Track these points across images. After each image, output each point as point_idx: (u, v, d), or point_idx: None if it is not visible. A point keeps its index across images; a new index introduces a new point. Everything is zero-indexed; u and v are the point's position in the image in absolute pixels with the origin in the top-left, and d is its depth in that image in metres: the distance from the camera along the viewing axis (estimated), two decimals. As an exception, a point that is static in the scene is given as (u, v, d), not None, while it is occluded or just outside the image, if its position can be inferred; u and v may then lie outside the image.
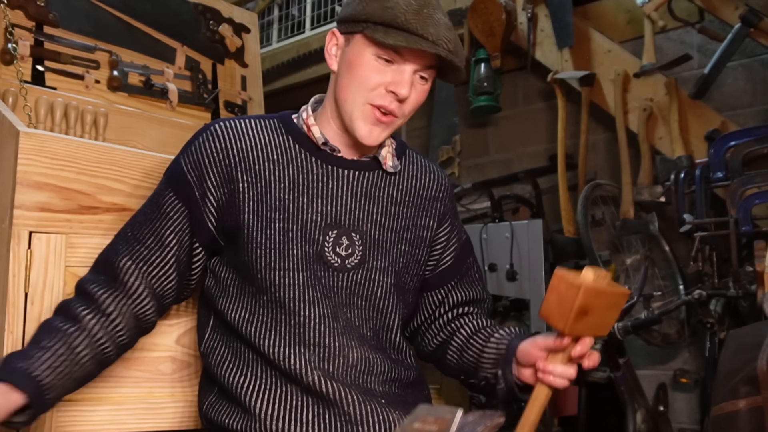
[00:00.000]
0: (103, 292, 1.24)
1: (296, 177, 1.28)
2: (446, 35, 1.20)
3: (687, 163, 2.80)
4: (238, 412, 1.25)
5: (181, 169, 1.30)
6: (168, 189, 1.30)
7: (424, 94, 1.29)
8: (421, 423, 0.76)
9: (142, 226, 1.29)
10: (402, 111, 1.26)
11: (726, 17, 2.88)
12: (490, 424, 0.76)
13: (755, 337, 1.44)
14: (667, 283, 3.04)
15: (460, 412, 0.76)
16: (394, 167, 1.35)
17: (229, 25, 2.57)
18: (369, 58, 1.24)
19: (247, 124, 1.32)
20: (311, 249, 1.26)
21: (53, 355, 1.16)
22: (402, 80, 1.23)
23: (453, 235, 1.44)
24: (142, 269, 1.26)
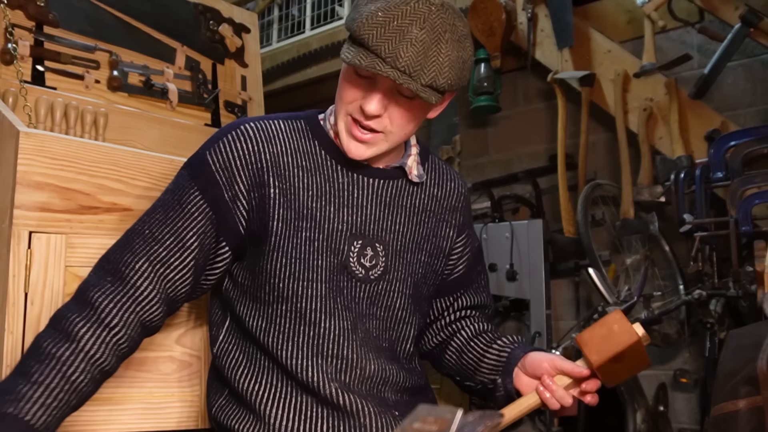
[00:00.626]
0: (108, 301, 1.16)
1: (323, 185, 1.24)
2: (402, 53, 1.08)
3: (687, 163, 2.80)
4: (250, 418, 1.23)
5: (209, 168, 1.23)
6: (193, 187, 1.22)
7: (412, 110, 1.19)
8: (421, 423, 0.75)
9: (161, 225, 1.21)
10: (382, 126, 1.19)
11: (726, 17, 2.88)
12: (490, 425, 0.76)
13: (755, 337, 1.44)
14: (667, 283, 3.04)
15: (460, 413, 0.76)
16: (419, 177, 1.32)
17: (229, 25, 2.57)
18: (348, 71, 1.20)
19: (276, 126, 1.27)
20: (336, 259, 1.23)
21: (46, 390, 1.07)
22: (369, 97, 1.16)
23: (468, 243, 1.42)
24: (158, 272, 1.19)
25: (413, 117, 1.21)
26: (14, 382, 1.08)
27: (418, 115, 1.22)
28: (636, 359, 1.21)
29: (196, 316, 1.51)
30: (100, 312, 1.15)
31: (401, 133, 1.22)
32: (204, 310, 1.52)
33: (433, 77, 1.12)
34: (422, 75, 1.11)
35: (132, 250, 1.20)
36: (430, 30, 1.11)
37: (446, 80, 1.14)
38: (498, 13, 3.40)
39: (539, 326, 3.02)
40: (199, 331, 1.51)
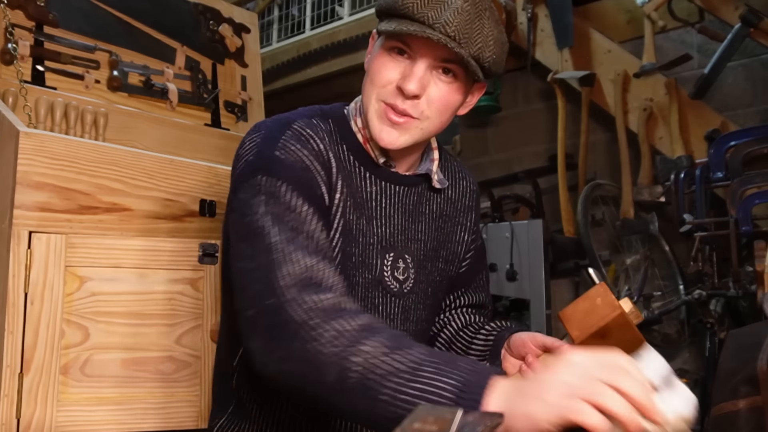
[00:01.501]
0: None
1: (356, 195, 1.14)
2: (449, 19, 1.03)
3: (687, 163, 2.80)
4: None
5: (290, 165, 1.07)
6: (286, 185, 1.05)
7: (451, 93, 1.11)
8: (421, 423, 0.75)
9: (298, 235, 1.01)
10: (419, 111, 1.09)
11: (726, 17, 2.89)
12: (490, 424, 0.76)
13: (755, 337, 1.44)
14: (667, 283, 3.04)
15: (460, 412, 0.75)
16: (441, 183, 1.25)
17: (229, 25, 2.57)
18: (381, 53, 1.11)
19: (319, 131, 1.14)
20: (370, 275, 1.15)
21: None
22: (410, 74, 1.07)
23: (473, 244, 1.35)
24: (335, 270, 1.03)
25: (451, 102, 1.12)
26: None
27: (455, 101, 1.13)
28: (624, 336, 1.11)
29: (196, 317, 1.51)
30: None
31: (437, 120, 1.12)
32: (203, 309, 1.51)
33: (480, 48, 1.07)
34: (470, 44, 1.06)
35: (301, 262, 0.98)
36: (473, 3, 1.07)
37: (491, 55, 1.09)
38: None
39: (539, 326, 3.02)
40: (198, 332, 1.51)
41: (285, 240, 0.99)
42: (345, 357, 0.86)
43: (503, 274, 3.11)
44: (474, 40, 1.06)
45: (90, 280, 1.37)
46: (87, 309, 1.36)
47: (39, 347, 1.29)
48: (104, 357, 1.38)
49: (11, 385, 1.26)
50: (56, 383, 1.31)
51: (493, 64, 1.10)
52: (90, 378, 1.35)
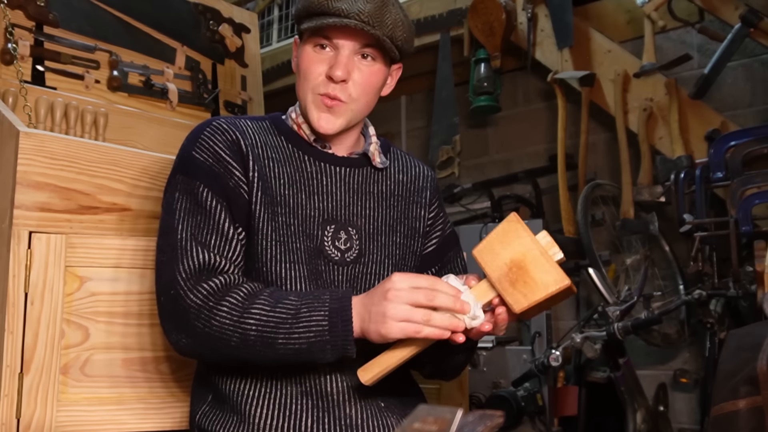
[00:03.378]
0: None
1: (293, 174, 1.30)
2: (361, 8, 1.21)
3: (687, 163, 2.80)
4: (232, 420, 1.22)
5: (202, 163, 1.24)
6: (200, 185, 1.23)
7: (373, 75, 1.29)
8: (421, 423, 0.75)
9: (198, 229, 1.20)
10: (347, 94, 1.26)
11: (726, 17, 2.89)
12: (490, 425, 0.76)
13: (755, 337, 1.44)
14: (667, 283, 3.04)
15: (459, 413, 0.76)
16: (383, 163, 1.38)
17: (229, 25, 2.57)
18: (307, 51, 1.28)
19: (245, 123, 1.33)
20: (312, 243, 1.27)
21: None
22: (336, 63, 1.24)
23: (437, 223, 1.45)
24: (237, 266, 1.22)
25: (373, 83, 1.29)
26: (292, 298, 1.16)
27: (377, 81, 1.30)
28: (544, 272, 1.07)
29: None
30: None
31: (363, 100, 1.29)
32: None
33: (391, 29, 1.25)
34: (383, 26, 1.24)
35: (200, 255, 1.19)
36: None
37: (402, 35, 1.27)
38: (498, 13, 3.40)
39: (539, 326, 3.02)
40: (199, 331, 1.51)
41: (190, 236, 1.19)
42: (241, 322, 1.13)
43: (503, 274, 3.10)
44: (385, 23, 1.24)
45: (90, 280, 1.37)
46: (87, 309, 1.36)
47: (39, 347, 1.29)
48: (104, 357, 1.38)
49: (11, 385, 1.26)
50: (56, 383, 1.31)
51: (405, 43, 1.29)
52: (90, 378, 1.35)
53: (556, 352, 2.46)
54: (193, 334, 1.16)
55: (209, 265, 1.18)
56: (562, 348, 2.48)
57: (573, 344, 2.46)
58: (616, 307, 2.52)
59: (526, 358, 2.95)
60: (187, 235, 1.20)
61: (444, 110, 3.74)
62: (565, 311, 3.42)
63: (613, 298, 2.67)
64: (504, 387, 2.89)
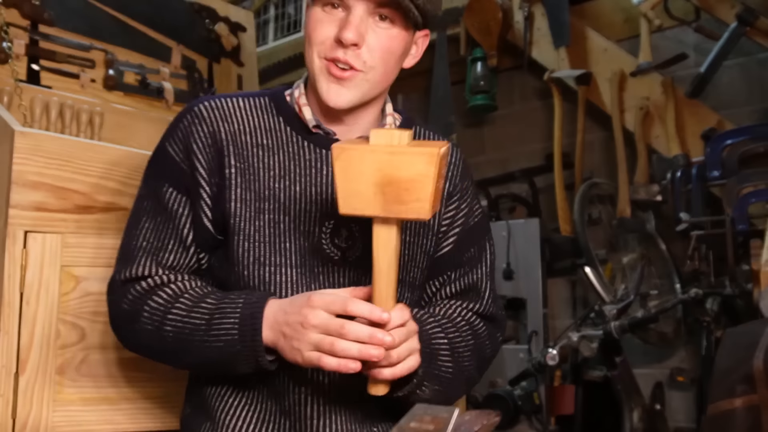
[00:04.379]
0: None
1: (287, 163, 1.15)
2: None
3: (683, 161, 2.81)
4: (206, 427, 1.16)
5: (171, 159, 1.16)
6: (164, 183, 1.15)
7: (392, 40, 1.10)
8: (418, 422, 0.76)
9: (155, 233, 1.14)
10: (361, 61, 1.09)
11: (722, 16, 2.89)
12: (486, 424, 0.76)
13: (751, 336, 1.45)
14: (663, 282, 3.04)
15: (456, 412, 0.76)
16: None
17: (225, 24, 2.57)
18: (315, 12, 1.11)
19: (234, 103, 1.18)
20: (306, 242, 1.13)
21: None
22: (346, 24, 1.07)
23: (458, 218, 1.24)
24: (175, 275, 1.14)
25: (393, 48, 1.11)
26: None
27: (397, 47, 1.12)
28: (410, 166, 0.93)
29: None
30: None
31: (381, 69, 1.11)
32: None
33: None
34: None
35: (138, 262, 1.13)
36: None
37: (430, 2, 1.10)
38: (494, 12, 3.40)
39: (536, 325, 3.03)
40: (195, 331, 1.51)
41: (141, 243, 1.14)
42: (160, 328, 1.08)
43: (500, 273, 3.11)
44: None
45: (86, 280, 1.37)
46: (83, 309, 1.36)
47: (35, 347, 1.29)
48: (100, 357, 1.37)
49: (7, 385, 1.26)
50: (52, 383, 1.30)
51: (427, 3, 1.10)
52: (86, 378, 1.35)
53: (552, 351, 2.46)
54: (127, 334, 1.16)
55: (149, 273, 1.12)
56: (559, 347, 2.48)
57: (570, 343, 2.46)
58: (612, 305, 2.52)
59: (522, 357, 2.96)
60: (136, 242, 1.14)
61: (440, 109, 3.73)
62: (562, 310, 3.42)
63: (609, 296, 2.67)
64: (501, 386, 2.89)
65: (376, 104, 1.19)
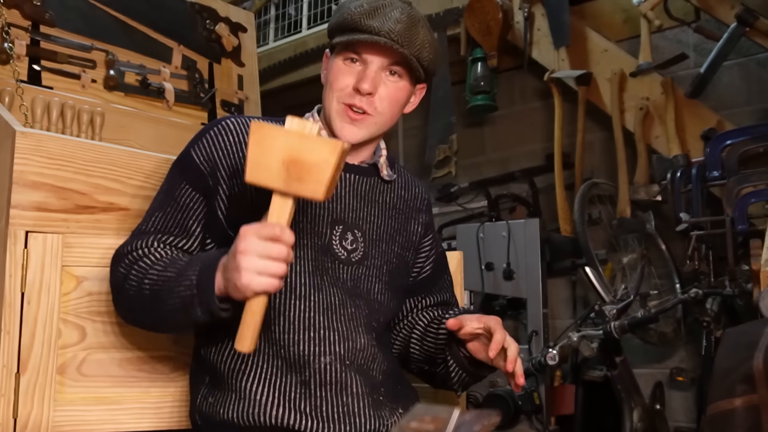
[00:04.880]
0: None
1: None
2: (391, 27, 1.27)
3: (683, 162, 2.81)
4: (233, 398, 1.24)
5: (193, 162, 1.30)
6: (183, 181, 1.30)
7: (399, 91, 1.33)
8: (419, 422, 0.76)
9: (164, 221, 1.29)
10: (373, 107, 1.31)
11: (722, 16, 2.89)
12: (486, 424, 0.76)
13: (751, 336, 1.45)
14: (663, 282, 3.05)
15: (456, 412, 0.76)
16: (390, 176, 1.43)
17: (226, 25, 2.57)
18: (337, 63, 1.32)
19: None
20: (319, 241, 1.30)
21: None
22: (363, 76, 1.29)
23: (434, 246, 1.52)
24: (173, 251, 1.27)
25: (399, 99, 1.34)
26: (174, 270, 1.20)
27: (402, 97, 1.35)
28: (315, 153, 1.04)
29: (193, 316, 1.51)
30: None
31: (388, 114, 1.33)
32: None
33: (419, 49, 1.30)
34: (411, 46, 1.29)
35: (144, 240, 1.27)
36: (408, 16, 1.30)
37: (428, 55, 1.32)
38: (495, 13, 3.41)
39: (536, 325, 3.03)
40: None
41: (149, 226, 1.29)
42: (140, 284, 1.21)
43: (500, 273, 3.11)
44: (413, 43, 1.29)
45: (86, 280, 1.37)
46: (84, 309, 1.36)
47: (36, 347, 1.29)
48: (101, 357, 1.38)
49: (8, 385, 1.26)
50: (53, 383, 1.31)
51: (430, 63, 1.34)
52: (87, 378, 1.35)
53: (553, 351, 2.46)
54: (116, 301, 1.28)
55: (147, 245, 1.26)
56: (559, 347, 2.49)
57: (570, 343, 2.47)
58: (612, 305, 2.52)
59: (523, 357, 2.95)
60: (145, 226, 1.30)
61: (441, 109, 3.74)
62: (562, 310, 3.42)
63: (609, 296, 2.67)
64: (501, 386, 2.89)
65: (376, 141, 1.41)
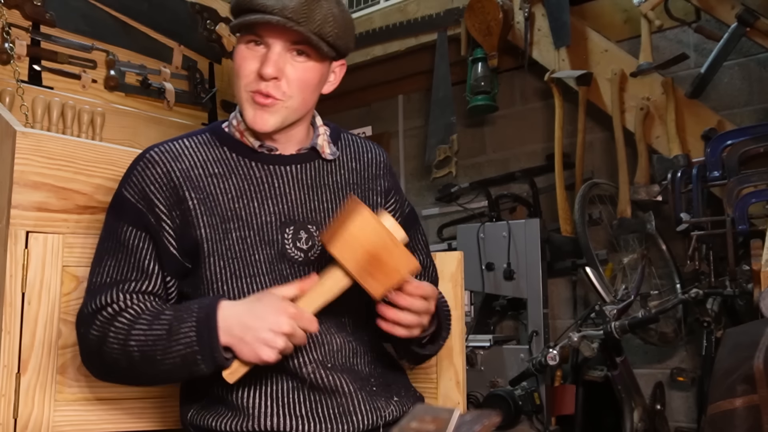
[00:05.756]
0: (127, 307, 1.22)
1: (241, 184, 1.28)
2: (285, 3, 1.18)
3: (684, 162, 2.81)
4: (227, 413, 1.23)
5: (128, 202, 1.26)
6: (124, 224, 1.25)
7: (308, 71, 1.25)
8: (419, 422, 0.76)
9: (118, 268, 1.24)
10: (281, 91, 1.24)
11: (722, 16, 2.89)
12: (487, 424, 0.76)
13: (752, 336, 1.45)
14: (664, 282, 3.05)
15: (457, 412, 0.76)
16: (333, 154, 1.36)
17: (226, 25, 2.57)
18: (240, 49, 1.26)
19: (180, 145, 1.31)
20: (272, 250, 1.26)
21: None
22: (266, 60, 1.22)
23: (398, 209, 1.44)
24: (139, 297, 1.23)
25: (309, 79, 1.26)
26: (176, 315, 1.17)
27: (312, 78, 1.27)
28: (394, 259, 1.12)
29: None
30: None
31: (299, 97, 1.26)
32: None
33: (320, 25, 1.21)
34: (309, 22, 1.20)
35: (107, 295, 1.22)
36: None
37: (332, 30, 1.22)
38: (495, 13, 3.40)
39: (536, 325, 3.03)
40: (196, 331, 1.51)
41: (104, 278, 1.24)
42: (125, 346, 1.17)
43: (500, 274, 3.11)
44: (313, 19, 1.20)
45: (87, 280, 1.37)
46: (84, 309, 1.36)
47: (36, 347, 1.29)
48: (101, 357, 1.37)
49: (8, 385, 1.26)
50: (53, 383, 1.31)
51: (337, 39, 1.24)
52: (87, 378, 1.35)
53: (553, 351, 2.46)
54: (96, 363, 1.24)
55: (109, 300, 1.21)
56: (560, 347, 2.49)
57: (570, 343, 2.46)
58: (613, 306, 2.52)
59: (523, 357, 2.96)
60: (100, 278, 1.24)
61: (441, 109, 3.73)
62: (563, 310, 3.42)
63: (610, 297, 2.67)
64: (501, 386, 2.89)
65: (303, 122, 1.34)
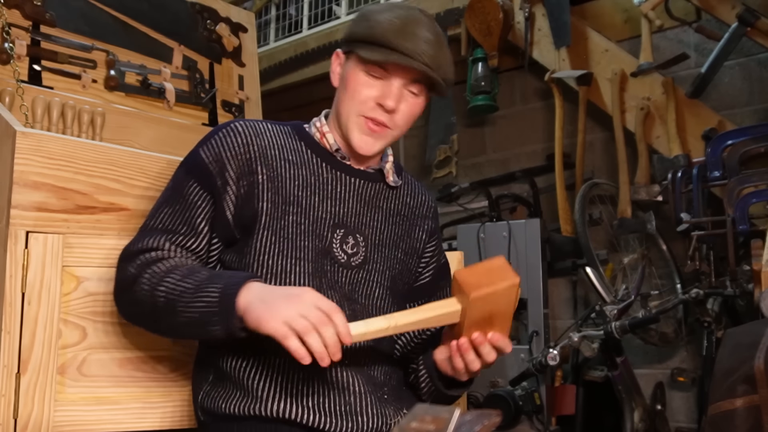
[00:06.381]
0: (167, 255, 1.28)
1: (308, 177, 1.35)
2: (424, 49, 1.28)
3: (684, 162, 2.81)
4: (238, 394, 1.26)
5: (201, 161, 1.32)
6: (191, 180, 1.32)
7: (416, 107, 1.36)
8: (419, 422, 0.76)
9: (171, 217, 1.30)
10: (393, 122, 1.33)
11: (723, 16, 2.89)
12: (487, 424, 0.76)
13: (752, 336, 1.45)
14: (664, 282, 3.05)
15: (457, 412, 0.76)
16: (395, 182, 1.45)
17: (227, 25, 2.57)
18: (360, 74, 1.33)
19: (264, 126, 1.39)
20: (320, 243, 1.32)
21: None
22: (389, 93, 1.31)
23: (436, 254, 1.52)
24: (181, 250, 1.29)
25: (416, 113, 1.38)
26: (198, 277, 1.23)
27: (418, 112, 1.38)
28: (501, 324, 1.23)
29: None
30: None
31: (404, 128, 1.37)
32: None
33: (445, 71, 1.33)
34: (440, 69, 1.31)
35: (154, 239, 1.29)
36: (435, 34, 1.32)
37: (451, 75, 1.36)
38: (495, 13, 3.41)
39: (537, 325, 3.03)
40: (196, 331, 1.51)
41: (158, 223, 1.31)
42: (154, 290, 1.23)
43: (501, 274, 3.11)
44: (442, 65, 1.32)
45: (87, 280, 1.37)
46: (84, 309, 1.36)
47: (36, 347, 1.29)
48: (102, 357, 1.38)
49: (8, 385, 1.26)
50: (53, 383, 1.31)
51: (449, 74, 1.36)
52: (87, 378, 1.35)
53: (553, 351, 2.46)
54: (120, 300, 1.30)
55: (153, 245, 1.28)
56: (560, 347, 2.48)
57: (571, 343, 2.46)
58: (613, 306, 2.52)
59: (523, 357, 2.96)
60: (153, 222, 1.32)
61: (441, 110, 3.74)
62: (563, 310, 3.42)
63: (610, 297, 2.67)
64: (501, 386, 2.89)
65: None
